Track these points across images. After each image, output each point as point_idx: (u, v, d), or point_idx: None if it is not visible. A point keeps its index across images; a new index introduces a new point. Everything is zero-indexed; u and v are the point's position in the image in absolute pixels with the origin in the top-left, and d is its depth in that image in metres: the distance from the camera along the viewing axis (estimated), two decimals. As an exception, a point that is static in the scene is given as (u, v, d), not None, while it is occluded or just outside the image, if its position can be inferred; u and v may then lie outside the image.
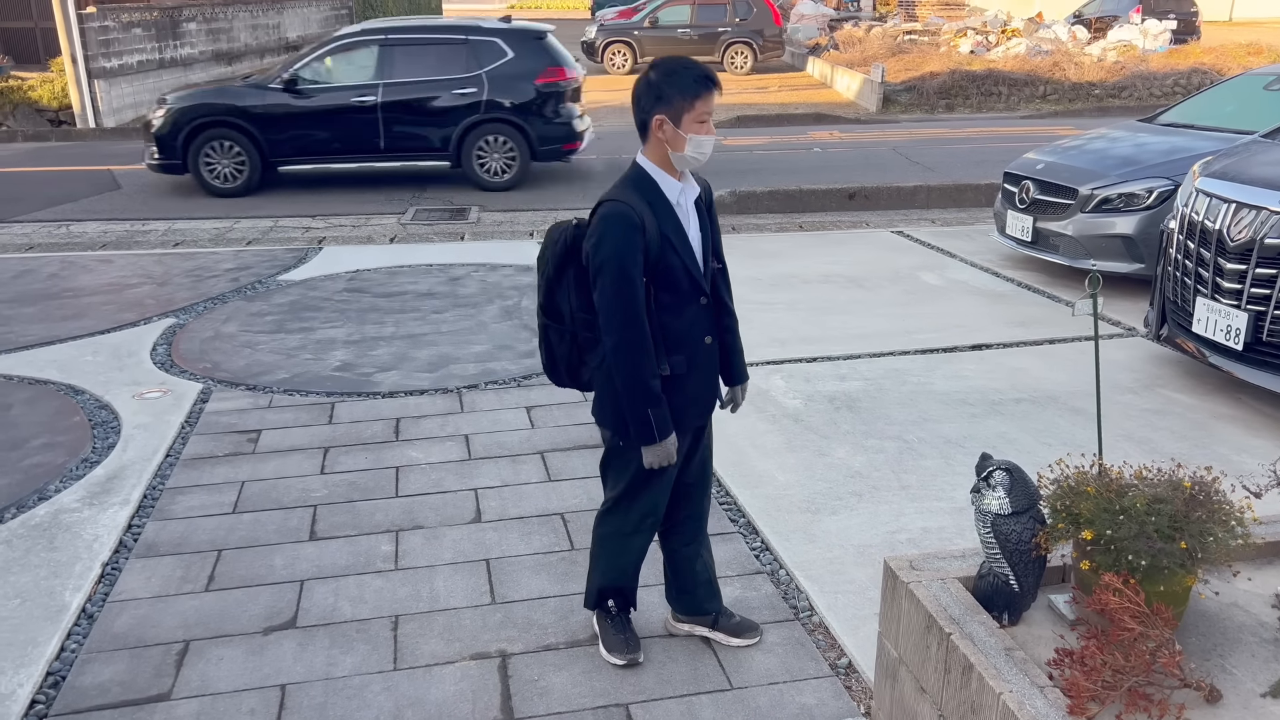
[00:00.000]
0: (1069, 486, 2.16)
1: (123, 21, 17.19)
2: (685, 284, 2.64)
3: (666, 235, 2.58)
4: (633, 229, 2.53)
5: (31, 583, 3.36)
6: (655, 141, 2.60)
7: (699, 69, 2.58)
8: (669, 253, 2.59)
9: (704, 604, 3.04)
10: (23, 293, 6.80)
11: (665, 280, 2.61)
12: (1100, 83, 18.09)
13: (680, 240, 2.61)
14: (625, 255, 2.53)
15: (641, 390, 2.58)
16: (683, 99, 2.54)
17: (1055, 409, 4.71)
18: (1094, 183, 6.53)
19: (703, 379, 2.74)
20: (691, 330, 2.68)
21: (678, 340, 2.66)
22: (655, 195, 2.60)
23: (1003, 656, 2.06)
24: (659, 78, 2.57)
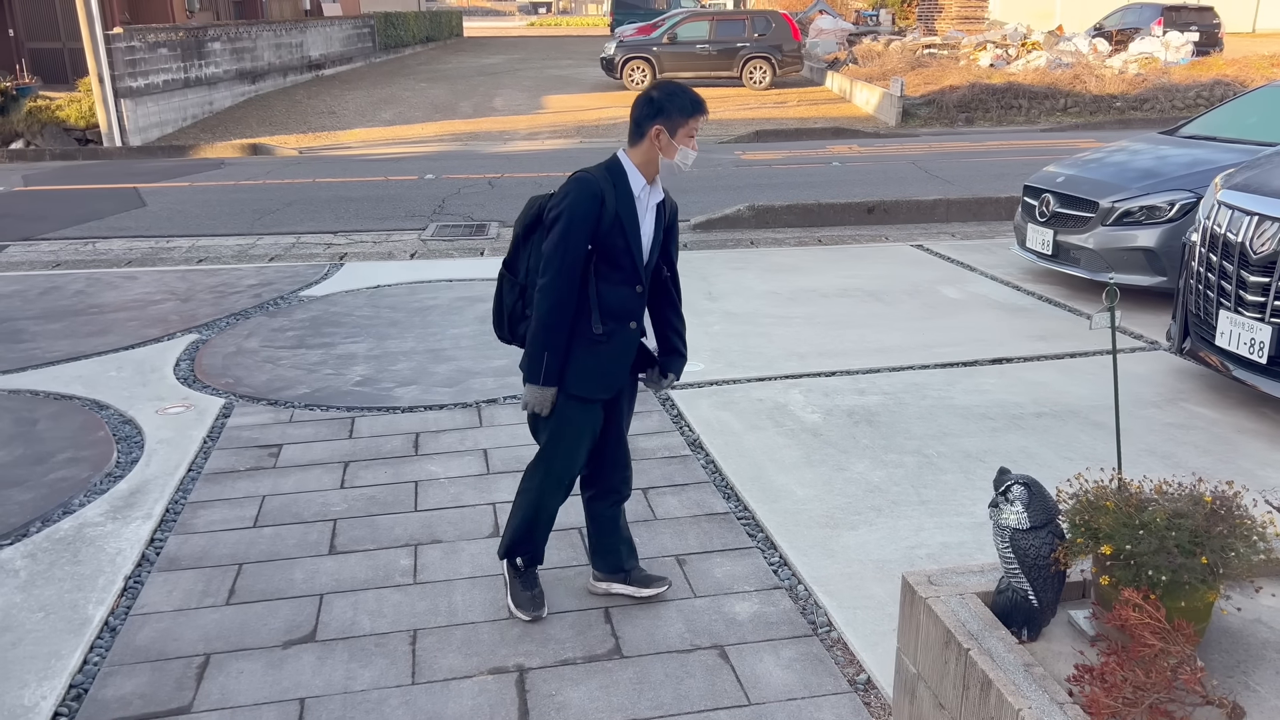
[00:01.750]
0: (1088, 501, 2.14)
1: (149, 42, 17.46)
2: (626, 265, 3.00)
3: (620, 217, 2.96)
4: (593, 196, 2.93)
5: (55, 596, 3.39)
6: (647, 145, 2.99)
7: (695, 94, 3.02)
8: (617, 232, 2.96)
9: (624, 562, 3.35)
10: (49, 309, 6.90)
11: (608, 254, 2.98)
12: (1121, 95, 18.02)
13: (631, 225, 2.98)
14: (578, 213, 2.92)
15: (550, 331, 2.95)
16: (680, 116, 2.96)
17: (1076, 423, 4.67)
18: (1115, 195, 6.49)
19: (619, 355, 3.08)
20: (621, 308, 3.04)
21: (607, 313, 3.02)
22: (622, 182, 2.99)
23: (1022, 673, 2.04)
24: (661, 96, 2.99)
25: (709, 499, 4.04)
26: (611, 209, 2.94)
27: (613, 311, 3.03)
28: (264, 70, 22.76)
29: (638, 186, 3.01)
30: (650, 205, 3.04)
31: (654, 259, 3.10)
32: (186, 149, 16.57)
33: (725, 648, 3.08)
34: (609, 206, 2.94)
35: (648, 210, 3.03)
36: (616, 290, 3.02)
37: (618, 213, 2.95)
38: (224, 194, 11.97)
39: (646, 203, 3.03)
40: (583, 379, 3.04)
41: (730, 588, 3.40)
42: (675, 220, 3.18)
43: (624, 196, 2.97)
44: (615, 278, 3.01)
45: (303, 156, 15.73)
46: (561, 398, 3.04)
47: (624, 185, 2.99)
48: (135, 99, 16.83)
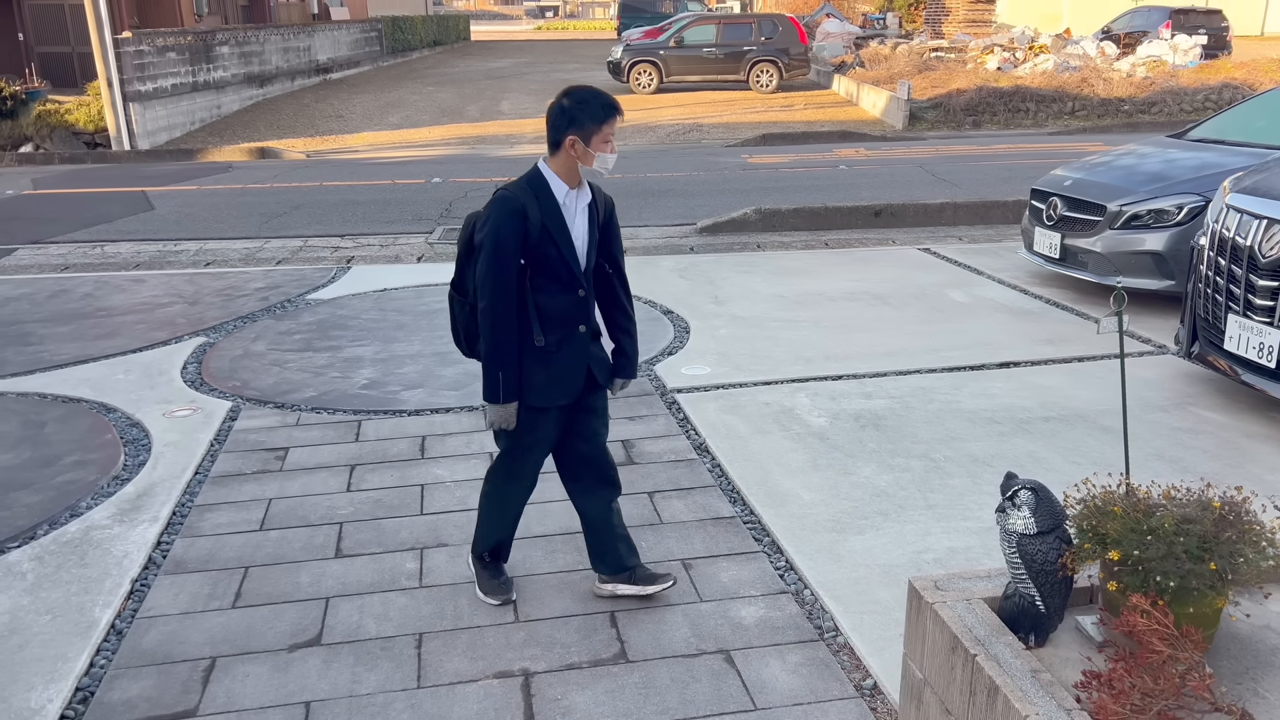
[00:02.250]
0: (1095, 506, 2.13)
1: (157, 46, 17.53)
2: (562, 274, 3.04)
3: (547, 228, 2.98)
4: (514, 214, 2.95)
5: (62, 598, 3.40)
6: (565, 155, 3.00)
7: (606, 98, 3.01)
8: (547, 243, 2.99)
9: (624, 560, 3.34)
10: (58, 312, 6.92)
11: (543, 266, 3.01)
12: (1129, 98, 17.97)
13: (560, 235, 3.00)
14: (502, 234, 2.94)
15: (497, 351, 3.00)
16: (593, 123, 2.96)
17: (1084, 427, 4.66)
18: (1123, 199, 6.47)
19: (572, 360, 3.11)
20: (565, 315, 3.07)
21: (552, 321, 3.06)
22: (545, 193, 3.01)
23: (1029, 679, 2.03)
24: (573, 104, 2.97)
25: (715, 503, 4.03)
26: (537, 221, 2.97)
27: (558, 320, 3.07)
28: (272, 74, 22.84)
29: (561, 194, 3.02)
30: (579, 209, 3.06)
31: (592, 260, 3.12)
32: (194, 152, 16.62)
33: (731, 652, 3.07)
34: (534, 220, 2.96)
35: (576, 214, 3.06)
36: (558, 299, 3.06)
37: (544, 224, 2.98)
38: (232, 197, 12.00)
39: (574, 208, 3.05)
40: (540, 390, 3.08)
41: (736, 592, 3.39)
42: (612, 215, 3.19)
43: (548, 206, 2.99)
44: (554, 288, 3.05)
45: (310, 160, 15.77)
46: (525, 411, 3.09)
47: (547, 195, 3.00)
48: (143, 103, 16.90)
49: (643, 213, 10.55)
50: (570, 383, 3.13)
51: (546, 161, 3.05)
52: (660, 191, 11.74)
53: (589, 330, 3.14)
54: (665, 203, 11.07)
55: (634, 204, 11.02)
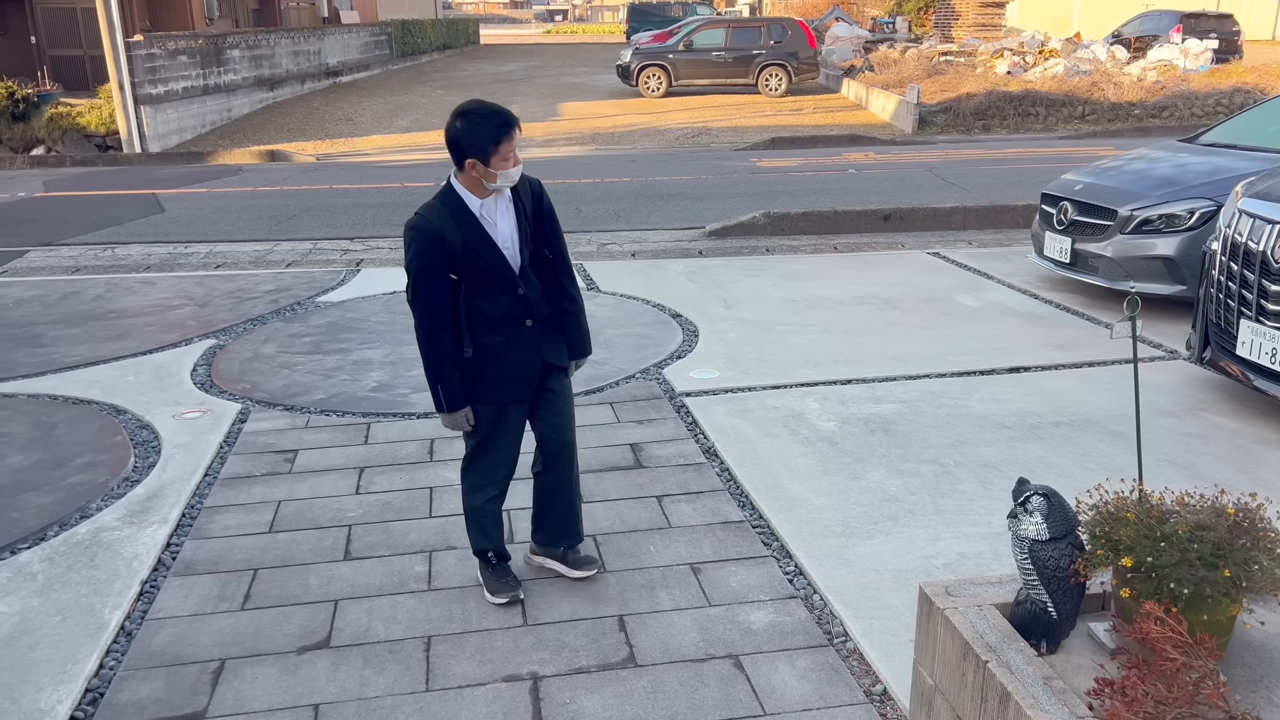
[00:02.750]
0: (1108, 512, 2.12)
1: (169, 49, 17.60)
2: (494, 279, 3.10)
3: (469, 242, 3.04)
4: (429, 240, 3.01)
5: (72, 600, 3.41)
6: (468, 175, 3.05)
7: (499, 117, 3.00)
8: (472, 256, 3.05)
9: (560, 539, 3.49)
10: (69, 314, 6.95)
11: (474, 277, 3.08)
12: (1140, 103, 17.92)
13: (483, 245, 3.07)
14: (423, 264, 3.02)
15: (433, 370, 3.12)
16: (490, 143, 2.97)
17: (1095, 433, 4.64)
18: (1134, 204, 6.45)
19: (522, 354, 3.21)
20: (508, 315, 3.15)
21: (496, 323, 3.14)
22: (460, 209, 3.06)
23: (1041, 685, 2.02)
24: (466, 127, 2.99)
25: (724, 507, 4.02)
26: (457, 239, 3.02)
27: (503, 320, 3.16)
28: (282, 77, 22.92)
29: (476, 206, 3.08)
30: (499, 212, 3.12)
31: (525, 255, 3.18)
32: (205, 155, 16.69)
33: (740, 657, 3.06)
34: (453, 238, 3.02)
35: (498, 219, 3.11)
36: (498, 302, 3.14)
37: (465, 240, 3.03)
38: (242, 200, 12.04)
39: (493, 214, 3.10)
40: (494, 387, 3.19)
41: (745, 597, 3.38)
42: (542, 200, 3.22)
43: (466, 222, 3.05)
44: (492, 293, 3.12)
45: (320, 163, 15.81)
46: (483, 407, 3.20)
47: (463, 211, 3.06)
48: (155, 106, 16.97)
49: (651, 216, 10.55)
50: (525, 378, 3.24)
51: (457, 177, 3.10)
52: (669, 195, 11.74)
53: (536, 323, 3.21)
54: (674, 206, 11.07)
55: (642, 207, 11.02)
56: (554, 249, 3.26)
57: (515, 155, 3.03)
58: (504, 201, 3.13)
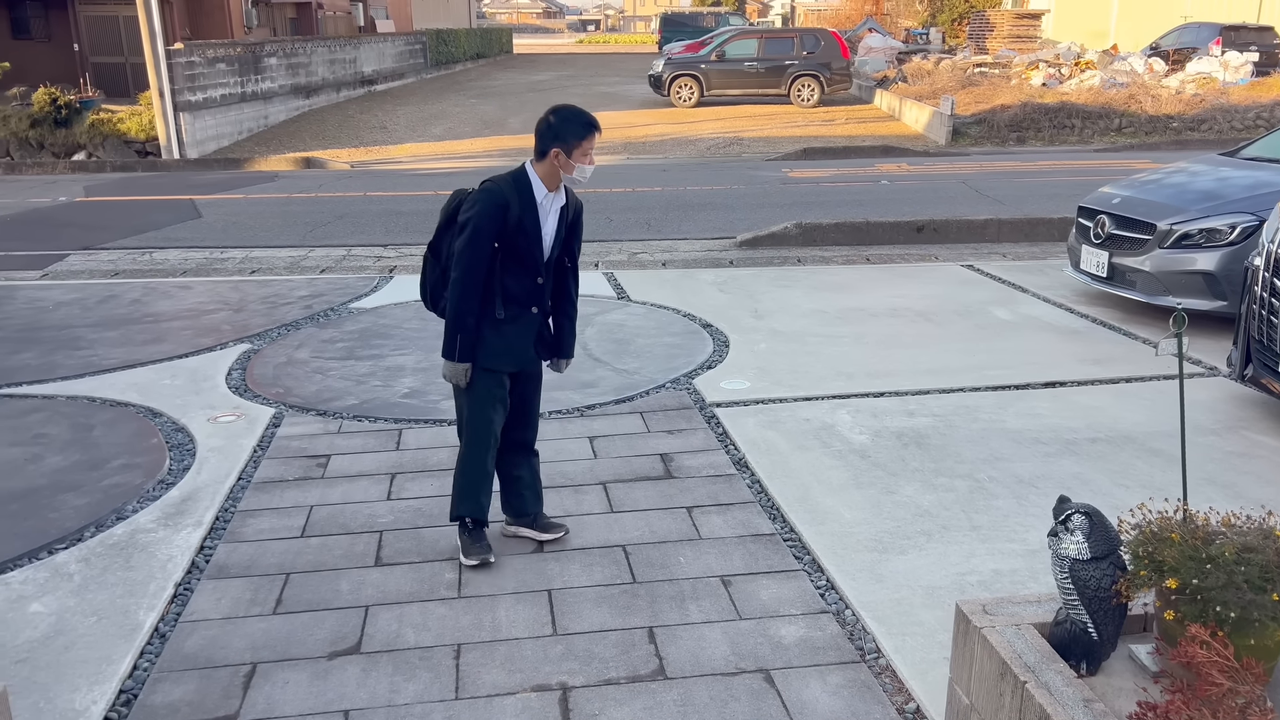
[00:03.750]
0: (1152, 532, 2.08)
1: (208, 57, 17.85)
2: (527, 261, 3.51)
3: (523, 220, 3.44)
4: (497, 205, 3.42)
5: (108, 600, 3.44)
6: (549, 163, 3.46)
7: (587, 117, 3.46)
8: (520, 233, 3.45)
9: (527, 507, 3.83)
10: (107, 317, 7.05)
11: (512, 251, 3.48)
12: (1178, 115, 17.71)
13: (532, 228, 3.47)
14: (484, 220, 3.41)
15: (459, 317, 3.48)
16: (574, 139, 3.42)
17: (1133, 450, 4.57)
18: (1174, 218, 6.36)
19: (521, 334, 3.60)
20: (522, 296, 3.55)
21: (511, 298, 3.54)
22: (526, 192, 3.46)
23: (1081, 708, 1.98)
24: (558, 122, 3.43)
25: (755, 519, 4.00)
26: (515, 215, 3.43)
27: (516, 298, 3.55)
28: (318, 85, 23.18)
29: (540, 195, 3.48)
30: (553, 210, 3.53)
31: (555, 254, 3.58)
32: (241, 162, 16.90)
33: (771, 672, 3.03)
34: (513, 213, 3.43)
35: (550, 214, 3.52)
36: (520, 281, 3.53)
37: (520, 218, 3.44)
38: (277, 206, 12.18)
39: (549, 208, 3.51)
40: (492, 355, 3.55)
41: (776, 610, 3.36)
42: (579, 218, 3.65)
43: (527, 204, 3.45)
44: (519, 270, 3.51)
45: (354, 170, 15.96)
46: (476, 371, 3.54)
47: (528, 194, 3.46)
48: (193, 112, 17.21)
49: (682, 225, 10.55)
50: (520, 353, 3.63)
51: (533, 165, 3.49)
52: (700, 205, 11.74)
53: (540, 312, 3.63)
54: (704, 216, 11.06)
55: (673, 217, 11.02)
56: (573, 260, 3.70)
57: (592, 156, 3.46)
58: (559, 203, 3.54)
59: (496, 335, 3.54)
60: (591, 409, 5.21)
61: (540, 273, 3.54)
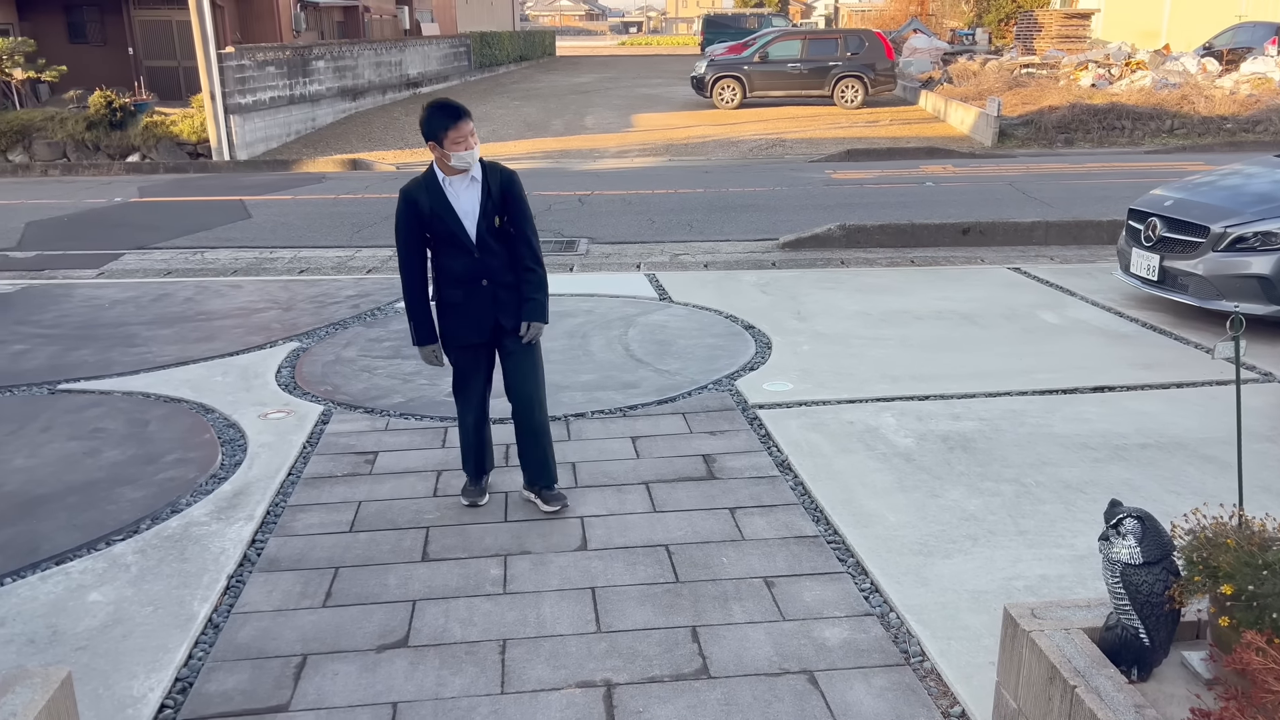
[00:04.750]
0: (1206, 538, 2.06)
1: (258, 60, 18.15)
2: (455, 241, 3.82)
3: (435, 209, 3.79)
4: (407, 203, 3.82)
5: (163, 591, 3.52)
6: (434, 156, 3.79)
7: (448, 109, 3.72)
8: (436, 220, 3.81)
9: (535, 479, 4.14)
10: (161, 315, 7.20)
11: (439, 237, 3.84)
12: (1232, 116, 17.35)
13: (445, 212, 3.80)
14: (399, 220, 3.86)
15: (409, 309, 3.94)
16: (442, 130, 3.70)
17: (1184, 456, 4.49)
18: (1228, 220, 6.25)
19: (478, 308, 3.89)
20: (466, 273, 3.85)
21: (456, 279, 3.86)
22: (433, 184, 3.82)
23: (1133, 714, 1.97)
24: (426, 117, 3.73)
25: (798, 521, 3.99)
26: (426, 206, 3.79)
27: (460, 277, 3.86)
28: (364, 88, 23.47)
29: (442, 180, 3.81)
30: (464, 192, 3.81)
31: (483, 226, 3.82)
32: (290, 163, 17.16)
33: (815, 673, 3.03)
34: (424, 204, 3.79)
35: (461, 194, 3.81)
36: (457, 260, 3.85)
37: (432, 207, 3.79)
38: (325, 207, 12.36)
39: (459, 191, 3.81)
40: (454, 331, 3.93)
41: (820, 612, 3.35)
42: (509, 189, 3.87)
43: (435, 193, 3.80)
44: (453, 251, 3.84)
45: (400, 172, 16.14)
46: (449, 349, 3.97)
47: (434, 185, 3.81)
48: (243, 115, 17.51)
49: (724, 227, 10.54)
50: (478, 325, 3.92)
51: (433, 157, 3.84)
52: (742, 206, 11.72)
53: (492, 283, 3.87)
54: (747, 217, 11.05)
55: (715, 218, 11.02)
56: (516, 227, 3.91)
57: (468, 141, 3.71)
58: (468, 180, 3.82)
59: (453, 313, 3.90)
60: (634, 409, 5.23)
61: (473, 249, 3.83)
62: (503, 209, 3.85)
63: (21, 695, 2.16)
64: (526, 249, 3.92)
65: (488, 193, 3.83)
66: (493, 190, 3.84)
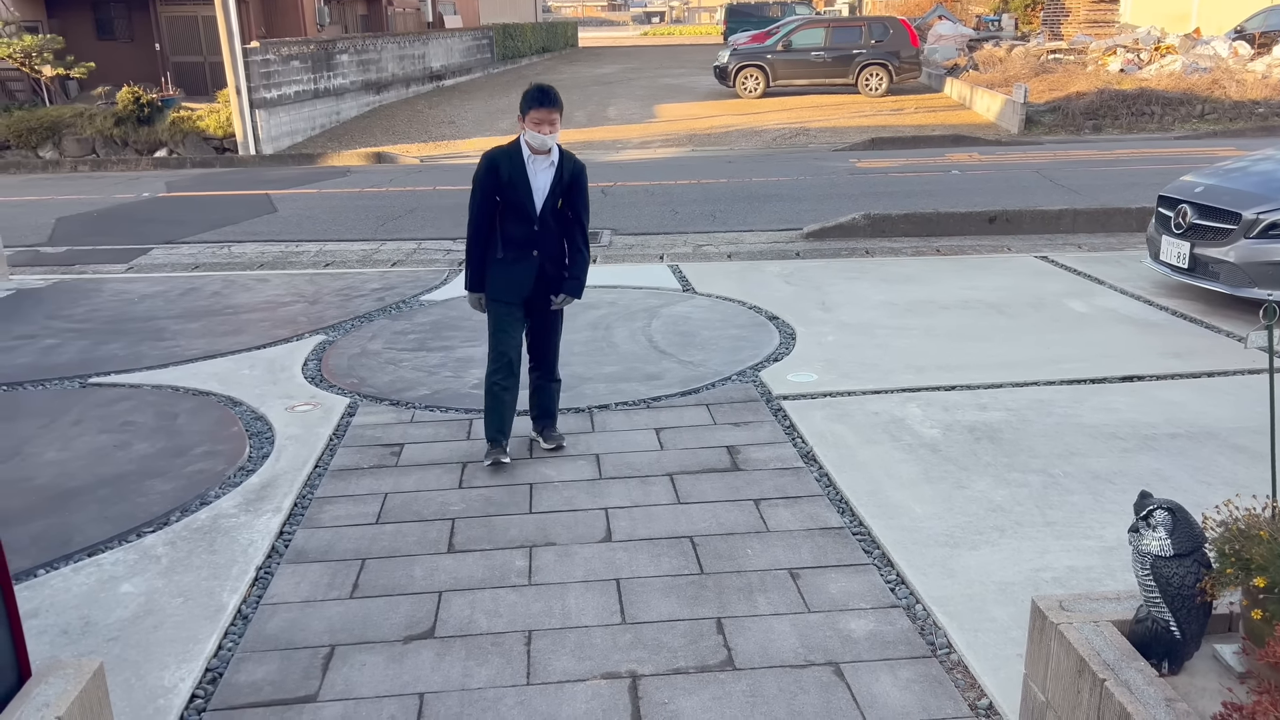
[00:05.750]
0: (1239, 529, 2.03)
1: (282, 55, 18.25)
2: (520, 211, 4.26)
3: (513, 178, 4.23)
4: (490, 167, 4.25)
5: (193, 583, 3.57)
6: (521, 129, 4.24)
7: (540, 92, 4.18)
8: (510, 189, 4.24)
9: (540, 420, 4.67)
10: (189, 309, 7.27)
11: (508, 203, 4.27)
12: (1265, 101, 17.07)
13: (521, 184, 4.23)
14: (478, 180, 4.29)
15: (467, 255, 4.40)
16: (523, 110, 4.18)
17: (1215, 446, 4.44)
18: (1261, 206, 6.15)
19: (523, 272, 4.33)
20: (521, 240, 4.29)
21: (511, 242, 4.31)
22: (516, 155, 4.26)
23: (1163, 707, 1.94)
24: (521, 97, 4.21)
25: (823, 513, 3.98)
26: (506, 173, 4.22)
27: (516, 242, 4.29)
28: (388, 81, 23.55)
29: (526, 156, 4.23)
30: (541, 170, 4.24)
31: (548, 205, 4.26)
32: (314, 157, 17.26)
33: (840, 665, 3.02)
34: (503, 172, 4.22)
35: (538, 172, 4.24)
36: (518, 228, 4.28)
37: (511, 175, 4.22)
38: (349, 201, 12.42)
39: (537, 169, 4.23)
40: (498, 287, 4.35)
41: (845, 604, 3.34)
42: (577, 179, 4.32)
43: (516, 164, 4.22)
44: (516, 219, 4.27)
45: (424, 165, 16.20)
46: (489, 301, 4.38)
47: (518, 157, 4.24)
48: (269, 109, 17.63)
49: (747, 217, 10.50)
50: (520, 288, 4.35)
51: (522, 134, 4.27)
52: (766, 196, 11.67)
53: (541, 255, 4.31)
54: (771, 207, 11.00)
55: (739, 208, 10.98)
56: (575, 212, 4.35)
57: (548, 127, 4.14)
58: (547, 163, 4.25)
59: (501, 272, 4.33)
60: (657, 401, 5.23)
61: (534, 221, 4.26)
62: (568, 194, 4.31)
63: (55, 686, 2.19)
64: (580, 232, 4.39)
65: (560, 177, 4.28)
66: (565, 176, 4.29)
